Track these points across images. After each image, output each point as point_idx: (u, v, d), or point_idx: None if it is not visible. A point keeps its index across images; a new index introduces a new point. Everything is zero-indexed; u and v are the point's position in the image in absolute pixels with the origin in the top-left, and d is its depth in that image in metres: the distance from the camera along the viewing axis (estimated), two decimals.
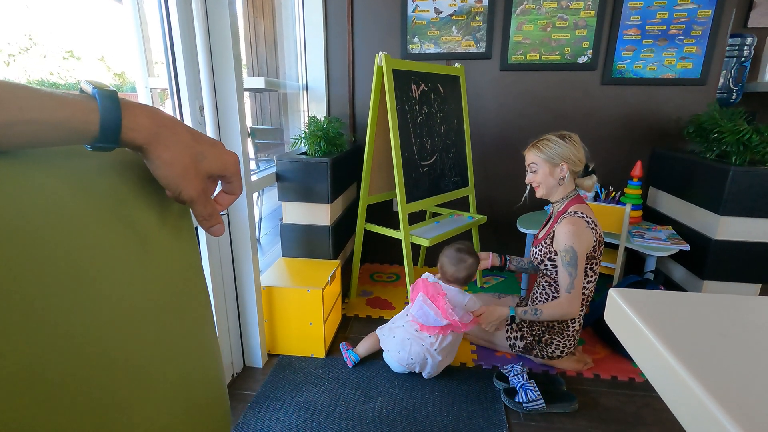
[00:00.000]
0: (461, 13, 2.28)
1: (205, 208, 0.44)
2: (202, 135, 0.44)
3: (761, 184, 1.70)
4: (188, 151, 0.41)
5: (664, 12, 2.14)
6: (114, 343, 0.39)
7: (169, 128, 0.39)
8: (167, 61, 1.29)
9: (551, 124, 2.37)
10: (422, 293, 1.58)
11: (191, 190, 0.42)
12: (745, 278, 1.82)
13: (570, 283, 1.51)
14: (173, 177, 0.40)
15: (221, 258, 1.53)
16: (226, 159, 0.45)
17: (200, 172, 0.42)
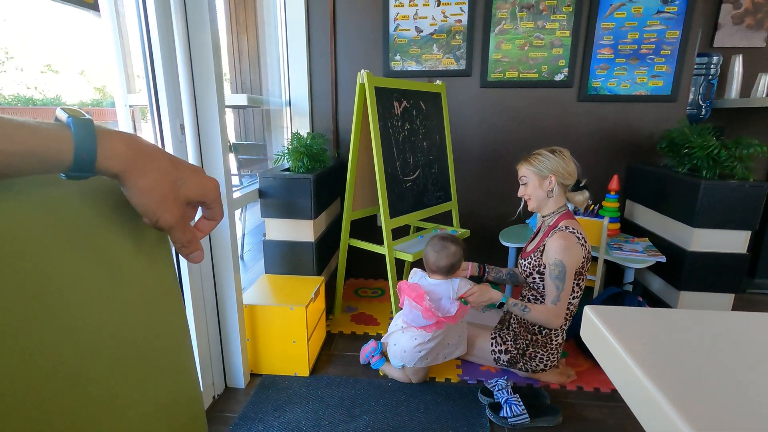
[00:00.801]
0: (441, 32, 2.33)
1: (184, 235, 0.44)
2: (182, 161, 0.43)
3: (730, 197, 1.76)
4: (167, 178, 0.40)
5: (635, 32, 2.24)
6: (86, 369, 0.38)
7: (147, 155, 0.39)
8: (147, 78, 1.28)
9: (531, 139, 2.43)
10: (407, 297, 1.60)
11: (169, 217, 0.41)
12: (719, 288, 1.88)
13: (556, 296, 1.54)
14: (150, 204, 0.40)
15: (202, 277, 1.51)
16: (206, 185, 0.44)
17: (179, 198, 0.42)
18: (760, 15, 2.63)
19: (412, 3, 2.31)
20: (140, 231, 0.45)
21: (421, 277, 1.67)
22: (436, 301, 1.59)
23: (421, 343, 1.60)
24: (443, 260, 1.62)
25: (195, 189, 0.43)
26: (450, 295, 1.59)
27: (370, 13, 2.36)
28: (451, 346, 1.68)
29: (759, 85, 2.57)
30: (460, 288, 1.60)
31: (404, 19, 2.33)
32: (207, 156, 1.41)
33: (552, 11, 2.25)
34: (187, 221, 0.44)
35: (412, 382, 1.69)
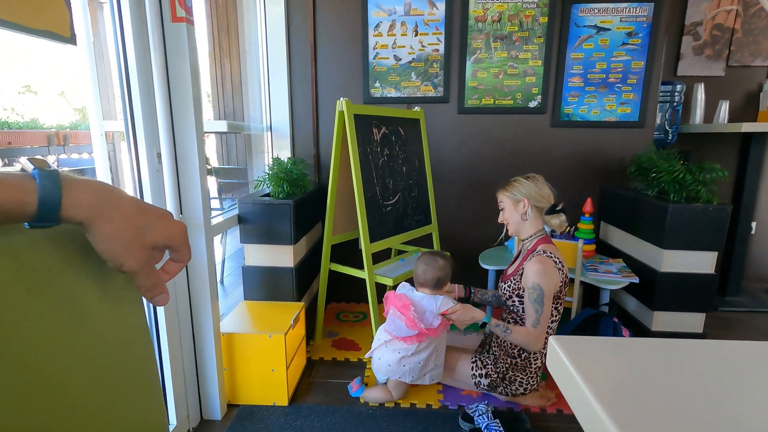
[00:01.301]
0: (419, 60, 2.41)
1: (148, 279, 0.44)
2: (149, 207, 0.44)
3: (696, 220, 1.83)
4: (132, 224, 0.41)
5: (603, 62, 2.35)
6: (47, 417, 0.38)
7: (113, 202, 0.40)
8: (124, 106, 1.29)
9: (508, 163, 2.49)
10: (392, 306, 1.62)
11: (133, 263, 0.42)
12: (690, 308, 1.93)
13: (536, 320, 1.56)
14: (114, 250, 0.40)
15: (178, 305, 1.48)
16: (172, 230, 0.45)
17: (144, 243, 0.42)
18: (718, 46, 2.80)
19: (390, 33, 2.39)
20: (106, 274, 0.46)
21: (408, 290, 1.70)
22: (421, 314, 1.61)
23: (405, 357, 1.62)
24: (430, 273, 1.65)
25: (161, 234, 0.44)
26: (434, 309, 1.62)
27: (350, 41, 2.43)
28: (437, 367, 1.69)
29: (720, 111, 2.71)
30: (443, 305, 1.62)
31: (383, 48, 2.41)
32: (184, 185, 1.41)
33: (524, 42, 2.35)
34: (152, 265, 0.44)
35: (394, 399, 1.69)
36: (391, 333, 1.63)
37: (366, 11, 2.37)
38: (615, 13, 2.28)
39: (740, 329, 2.41)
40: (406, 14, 2.36)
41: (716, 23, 2.77)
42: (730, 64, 2.82)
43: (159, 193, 1.35)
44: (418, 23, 2.36)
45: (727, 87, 2.85)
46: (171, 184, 1.33)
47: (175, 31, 1.31)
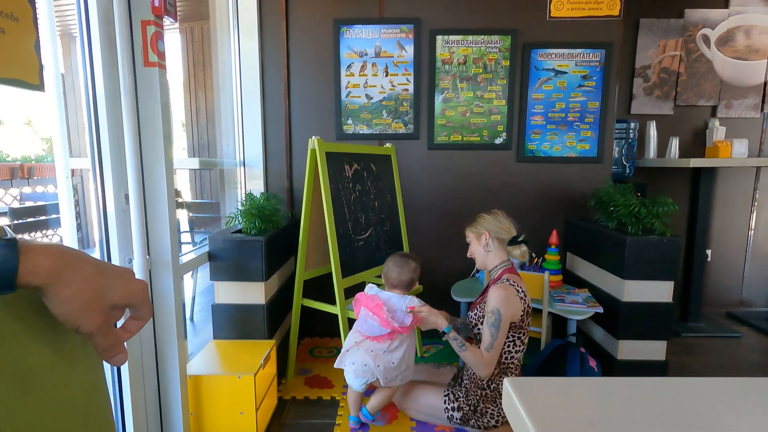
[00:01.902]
0: (390, 99, 2.50)
1: (106, 340, 0.44)
2: (109, 267, 0.45)
3: (652, 251, 1.93)
4: (91, 287, 0.41)
5: (562, 102, 2.50)
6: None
7: (72, 265, 0.40)
8: (92, 146, 1.29)
9: (476, 197, 2.58)
10: (363, 307, 1.63)
11: (90, 325, 0.42)
12: (652, 336, 2.00)
13: (490, 344, 1.60)
14: (71, 313, 0.40)
15: (142, 348, 1.44)
16: (132, 288, 0.46)
17: (103, 304, 0.43)
18: (665, 88, 3.03)
19: (362, 73, 2.48)
20: (61, 336, 0.46)
21: (377, 291, 1.72)
22: (392, 312, 1.63)
23: (378, 355, 1.63)
24: (406, 275, 1.72)
25: (120, 294, 0.44)
26: (404, 308, 1.65)
27: (323, 80, 2.51)
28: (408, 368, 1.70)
29: (671, 147, 2.91)
30: (411, 301, 1.68)
31: (355, 87, 2.49)
32: (152, 224, 1.41)
33: (489, 83, 2.48)
34: (110, 326, 0.45)
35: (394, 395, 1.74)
36: (364, 333, 1.65)
37: (338, 52, 2.47)
38: (570, 57, 2.45)
39: (701, 355, 2.50)
40: (376, 56, 2.47)
41: (663, 67, 3.01)
42: (677, 103, 3.05)
43: (125, 233, 1.34)
44: (388, 64, 2.47)
45: (677, 124, 3.07)
46: (138, 225, 1.32)
47: (147, 76, 1.33)
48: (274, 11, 2.45)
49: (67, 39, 4.24)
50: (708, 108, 3.08)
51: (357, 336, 1.70)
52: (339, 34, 2.45)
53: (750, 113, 3.05)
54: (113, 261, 1.32)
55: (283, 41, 2.47)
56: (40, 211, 2.62)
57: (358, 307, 1.71)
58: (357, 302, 1.72)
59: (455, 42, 2.45)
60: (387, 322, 1.60)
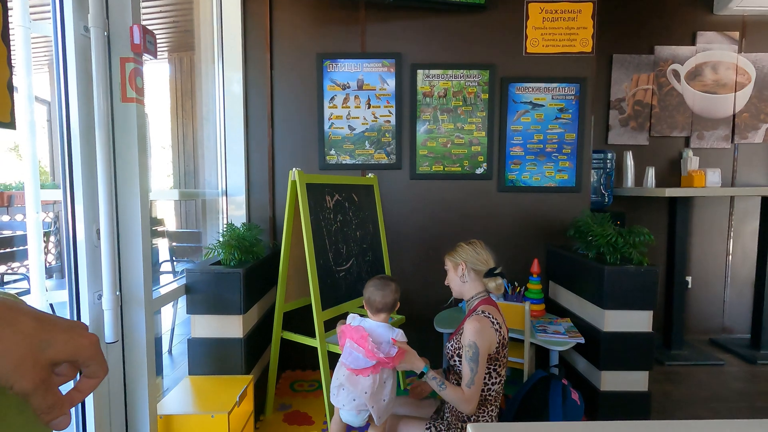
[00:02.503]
0: (372, 130, 2.54)
1: (44, 400, 0.41)
2: (52, 320, 0.42)
3: (630, 280, 1.95)
4: (25, 342, 0.39)
5: (540, 134, 2.57)
6: None
7: (4, 319, 0.38)
8: (63, 182, 1.27)
9: (459, 226, 2.60)
10: (349, 339, 1.58)
11: (24, 383, 0.39)
12: (633, 366, 2.00)
13: (471, 379, 1.57)
14: (1, 370, 0.38)
15: (110, 387, 1.39)
16: (78, 343, 0.42)
17: (40, 361, 0.40)
18: (640, 119, 3.14)
19: (344, 105, 2.53)
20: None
21: (360, 321, 1.67)
22: (378, 344, 1.59)
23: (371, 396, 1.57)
24: (389, 296, 1.68)
25: (63, 349, 0.41)
26: (389, 339, 1.61)
27: (306, 111, 2.54)
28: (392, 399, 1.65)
29: (648, 176, 2.98)
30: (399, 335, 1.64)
31: (338, 119, 2.53)
32: (125, 259, 1.38)
33: (469, 115, 2.55)
34: (50, 385, 0.42)
35: None
36: (349, 366, 1.60)
37: (321, 85, 2.52)
38: (547, 91, 2.53)
39: (684, 384, 2.49)
40: (359, 89, 2.52)
41: (637, 99, 3.13)
42: (652, 134, 3.15)
43: (95, 268, 1.31)
44: (370, 97, 2.52)
45: (652, 154, 3.16)
46: (108, 260, 1.30)
47: (124, 110, 1.34)
48: (258, 44, 2.50)
49: (53, 68, 4.27)
50: (681, 139, 3.18)
51: (344, 369, 1.66)
52: (322, 68, 2.51)
53: (721, 144, 3.17)
54: (82, 296, 1.29)
55: (267, 73, 2.51)
56: (14, 242, 2.56)
57: (343, 339, 1.68)
58: (342, 335, 1.69)
59: (435, 76, 2.52)
60: (372, 354, 1.56)
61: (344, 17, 2.50)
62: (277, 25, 2.51)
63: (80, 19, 1.23)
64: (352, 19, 2.51)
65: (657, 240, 2.49)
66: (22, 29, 1.16)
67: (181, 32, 4.55)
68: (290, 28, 2.51)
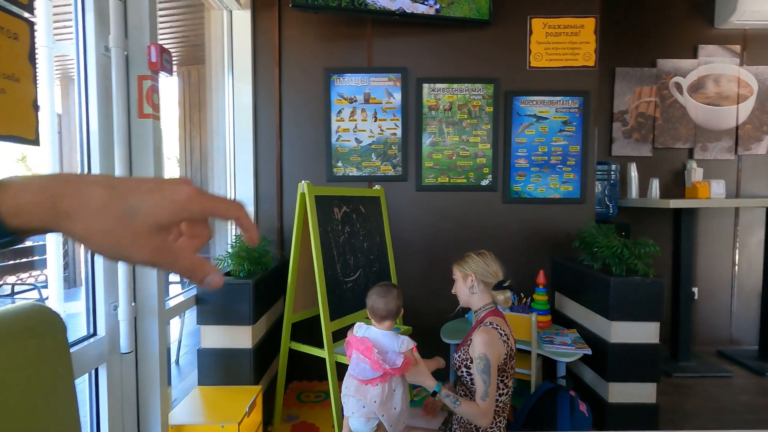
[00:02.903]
0: (379, 143, 2.59)
1: (176, 267, 0.36)
2: (130, 184, 0.34)
3: (636, 292, 1.96)
4: (107, 216, 0.33)
5: (544, 146, 2.60)
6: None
7: (72, 196, 0.32)
8: None
9: (464, 237, 2.62)
10: (355, 350, 1.58)
11: (139, 257, 0.34)
12: (641, 378, 2.00)
13: (484, 391, 1.57)
14: (102, 249, 0.33)
15: (123, 395, 1.41)
16: (175, 200, 0.34)
17: (138, 230, 0.33)
18: (643, 131, 3.16)
19: (351, 118, 2.57)
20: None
21: (366, 330, 1.67)
22: (383, 354, 1.59)
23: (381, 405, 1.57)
24: (392, 303, 1.67)
25: (160, 212, 0.34)
26: (395, 348, 1.61)
27: (314, 124, 2.59)
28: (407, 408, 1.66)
29: (652, 187, 3.00)
30: (403, 345, 1.63)
31: (345, 132, 2.58)
32: (140, 270, 1.41)
33: (474, 128, 2.58)
34: (172, 251, 0.36)
35: None
36: (357, 377, 1.60)
37: (329, 99, 2.57)
38: (551, 104, 2.57)
39: (693, 396, 2.48)
40: (365, 102, 2.57)
41: (640, 112, 3.16)
42: (655, 146, 3.18)
43: (112, 279, 1.34)
44: (377, 110, 2.57)
45: (656, 166, 3.18)
46: (125, 271, 1.33)
47: (141, 127, 1.38)
48: (267, 59, 2.56)
49: (66, 81, 4.36)
50: (685, 150, 3.21)
51: (352, 380, 1.66)
52: (330, 82, 2.56)
53: (725, 155, 3.18)
54: (98, 306, 1.32)
55: (276, 87, 2.57)
56: (28, 252, 2.61)
57: (349, 350, 1.68)
58: (348, 345, 1.70)
59: (441, 89, 2.57)
60: (378, 365, 1.57)
61: (351, 33, 2.56)
62: (286, 40, 2.57)
63: (101, 39, 1.28)
64: (359, 35, 2.57)
65: (662, 251, 2.50)
66: (46, 49, 1.21)
67: (190, 47, 4.64)
68: (299, 43, 2.57)
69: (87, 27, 1.25)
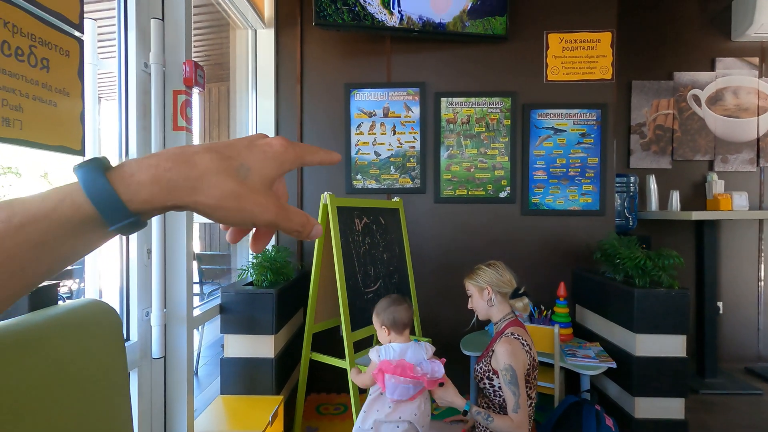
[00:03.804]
0: (398, 155, 2.63)
1: (292, 223, 0.36)
2: (228, 146, 0.34)
3: (661, 304, 1.94)
4: (224, 179, 0.32)
5: (563, 158, 2.61)
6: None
7: (181, 171, 0.32)
8: None
9: (482, 249, 2.62)
10: (390, 375, 1.53)
11: (264, 215, 0.34)
12: (668, 393, 1.95)
13: (515, 403, 1.55)
14: (235, 217, 0.33)
15: (152, 402, 1.43)
16: (274, 153, 0.35)
17: (257, 189, 0.34)
18: (662, 143, 3.15)
19: (371, 132, 2.62)
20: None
21: (387, 351, 1.61)
22: (419, 365, 1.58)
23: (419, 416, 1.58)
24: (409, 310, 1.67)
25: (265, 167, 0.35)
26: (424, 355, 1.59)
27: (334, 137, 2.65)
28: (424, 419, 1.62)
29: (672, 200, 2.97)
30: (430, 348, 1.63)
31: (364, 145, 2.63)
32: (170, 278, 1.45)
33: (492, 140, 2.61)
34: (286, 206, 0.36)
35: None
36: (399, 399, 1.57)
37: (349, 113, 2.62)
38: (568, 117, 2.59)
39: (722, 414, 2.40)
40: (384, 116, 2.62)
41: (657, 124, 3.15)
42: (674, 158, 3.16)
43: (145, 286, 1.38)
44: (395, 124, 2.62)
45: (675, 178, 3.16)
46: (158, 279, 1.37)
47: (175, 139, 1.44)
48: (290, 75, 2.64)
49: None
50: (705, 162, 3.18)
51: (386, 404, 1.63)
52: (350, 97, 2.62)
53: (747, 167, 3.15)
54: (131, 312, 1.36)
55: (297, 102, 2.64)
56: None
57: (381, 379, 1.58)
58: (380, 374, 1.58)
59: (458, 103, 2.61)
60: (422, 378, 1.55)
61: (371, 49, 2.63)
62: (308, 57, 2.65)
63: (142, 57, 1.35)
64: (378, 51, 2.63)
65: (684, 264, 2.46)
66: (92, 66, 1.27)
67: (212, 65, 4.80)
68: (320, 60, 2.65)
69: (129, 45, 1.33)
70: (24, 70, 0.93)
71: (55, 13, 1.01)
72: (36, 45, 0.96)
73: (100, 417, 0.53)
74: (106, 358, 0.59)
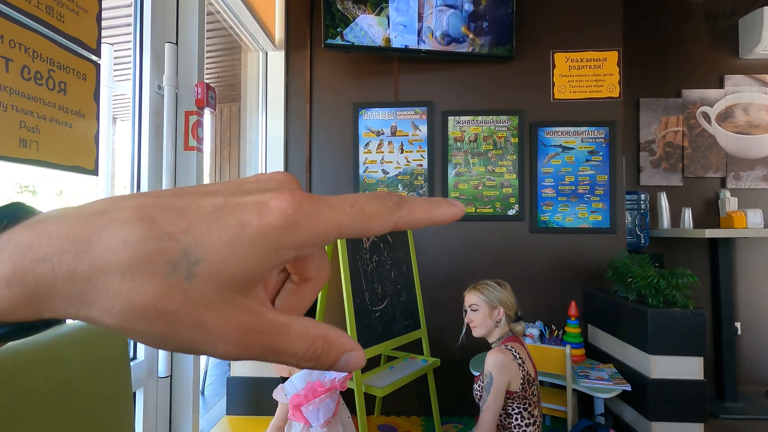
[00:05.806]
0: (405, 173, 2.64)
1: (292, 350, 0.19)
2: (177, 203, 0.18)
3: (677, 324, 1.89)
4: (136, 287, 0.16)
5: (571, 176, 2.60)
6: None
7: (63, 261, 0.16)
8: None
9: (491, 268, 2.59)
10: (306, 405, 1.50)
11: (215, 349, 0.18)
12: (686, 418, 1.88)
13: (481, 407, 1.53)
14: (156, 345, 0.18)
15: (158, 421, 1.42)
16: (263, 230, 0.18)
17: (207, 299, 0.17)
18: (672, 160, 3.13)
19: (378, 150, 2.65)
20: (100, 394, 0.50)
21: (290, 387, 1.55)
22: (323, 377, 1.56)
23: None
24: None
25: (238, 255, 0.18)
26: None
27: (342, 156, 2.67)
28: None
29: (684, 217, 2.93)
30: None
31: (372, 163, 2.65)
32: None
33: (499, 158, 2.61)
34: (268, 327, 0.19)
35: None
36: (328, 417, 1.54)
37: (357, 132, 2.66)
38: (576, 135, 2.59)
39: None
40: (392, 135, 2.64)
41: (667, 141, 3.14)
42: (685, 175, 3.12)
43: None
44: (403, 142, 2.64)
45: (687, 195, 3.12)
46: None
47: (186, 159, 1.47)
48: (299, 96, 2.69)
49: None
50: (717, 179, 3.14)
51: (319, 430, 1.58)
52: (358, 116, 2.66)
53: (760, 184, 3.10)
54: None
55: (306, 122, 2.68)
56: None
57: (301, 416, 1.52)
58: (297, 412, 1.52)
59: (466, 122, 2.63)
60: (333, 386, 1.53)
61: (379, 69, 2.68)
62: (317, 78, 2.70)
63: (156, 79, 1.39)
64: (386, 71, 2.68)
65: (699, 283, 2.41)
66: (107, 89, 1.31)
67: (223, 86, 4.91)
68: (329, 80, 2.70)
69: (144, 68, 1.37)
70: (42, 93, 0.96)
71: (74, 39, 1.05)
72: (55, 69, 0.99)
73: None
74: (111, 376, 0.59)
